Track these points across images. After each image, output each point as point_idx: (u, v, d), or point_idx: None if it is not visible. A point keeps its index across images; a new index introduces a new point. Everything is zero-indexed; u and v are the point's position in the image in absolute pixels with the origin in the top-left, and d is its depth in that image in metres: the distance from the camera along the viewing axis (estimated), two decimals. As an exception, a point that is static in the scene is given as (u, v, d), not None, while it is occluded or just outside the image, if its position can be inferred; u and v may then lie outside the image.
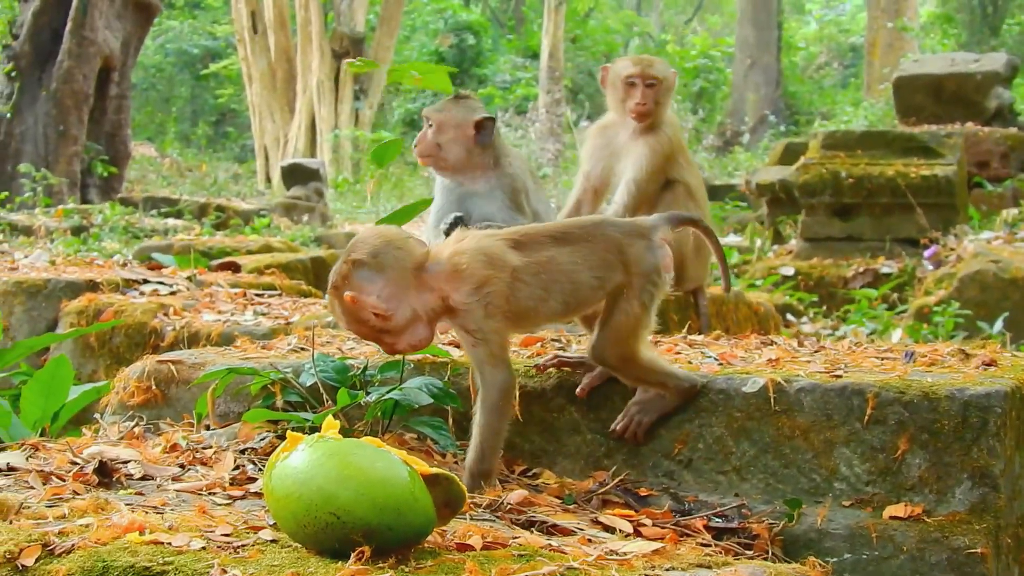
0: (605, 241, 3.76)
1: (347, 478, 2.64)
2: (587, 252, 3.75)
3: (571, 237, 3.77)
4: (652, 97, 6.89)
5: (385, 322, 3.59)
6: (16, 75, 21.50)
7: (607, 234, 3.78)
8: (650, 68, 6.99)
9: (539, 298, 3.70)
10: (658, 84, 6.89)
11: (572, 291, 3.73)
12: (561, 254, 3.73)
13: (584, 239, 3.76)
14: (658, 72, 6.95)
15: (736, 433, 3.77)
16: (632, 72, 6.95)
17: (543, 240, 3.75)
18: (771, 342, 4.95)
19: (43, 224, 16.45)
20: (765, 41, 38.99)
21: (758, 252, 13.47)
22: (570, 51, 39.87)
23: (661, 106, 6.95)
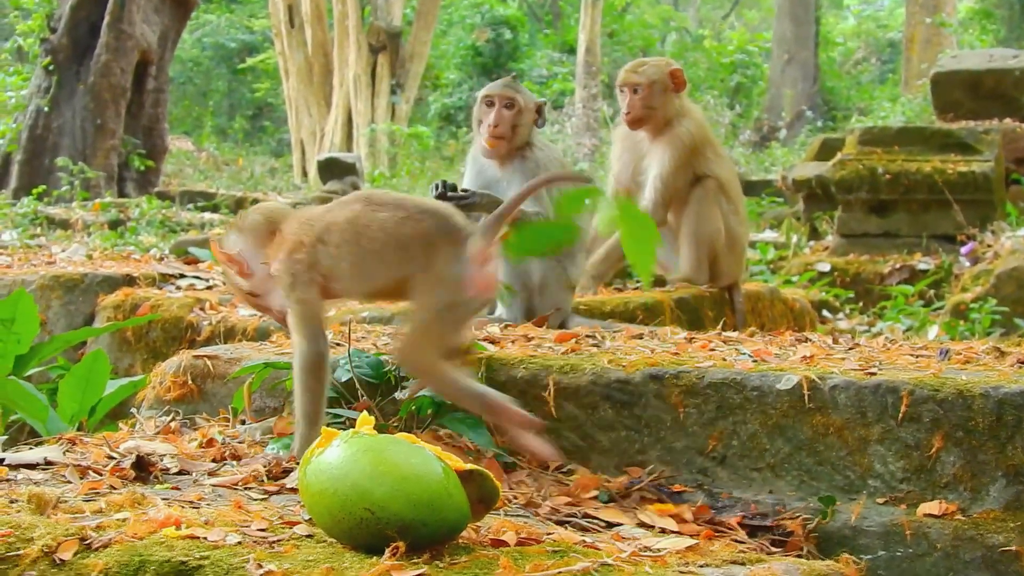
0: (417, 227, 3.55)
1: (382, 474, 2.65)
2: (395, 230, 3.57)
3: (391, 208, 3.61)
4: (639, 103, 6.96)
5: (249, 282, 3.76)
6: (54, 69, 21.57)
7: (424, 222, 3.56)
8: (631, 75, 7.06)
9: (340, 269, 3.65)
10: (644, 88, 6.95)
11: (365, 268, 3.63)
12: (374, 224, 3.59)
13: (403, 218, 3.58)
14: (638, 78, 7.01)
15: (770, 430, 3.76)
16: (619, 81, 7.13)
17: (376, 207, 3.63)
18: (806, 339, 4.95)
19: (80, 218, 16.52)
20: (803, 36, 38.81)
21: (794, 248, 13.42)
22: (607, 46, 39.78)
23: (658, 107, 6.98)
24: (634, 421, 3.92)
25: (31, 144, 21.32)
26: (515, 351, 4.31)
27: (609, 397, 3.95)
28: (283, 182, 30.81)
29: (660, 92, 6.96)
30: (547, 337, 4.72)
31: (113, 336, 6.43)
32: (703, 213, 6.93)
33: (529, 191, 3.69)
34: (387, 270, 3.60)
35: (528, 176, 5.54)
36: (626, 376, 3.95)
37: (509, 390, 3.96)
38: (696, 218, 6.93)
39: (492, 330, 4.92)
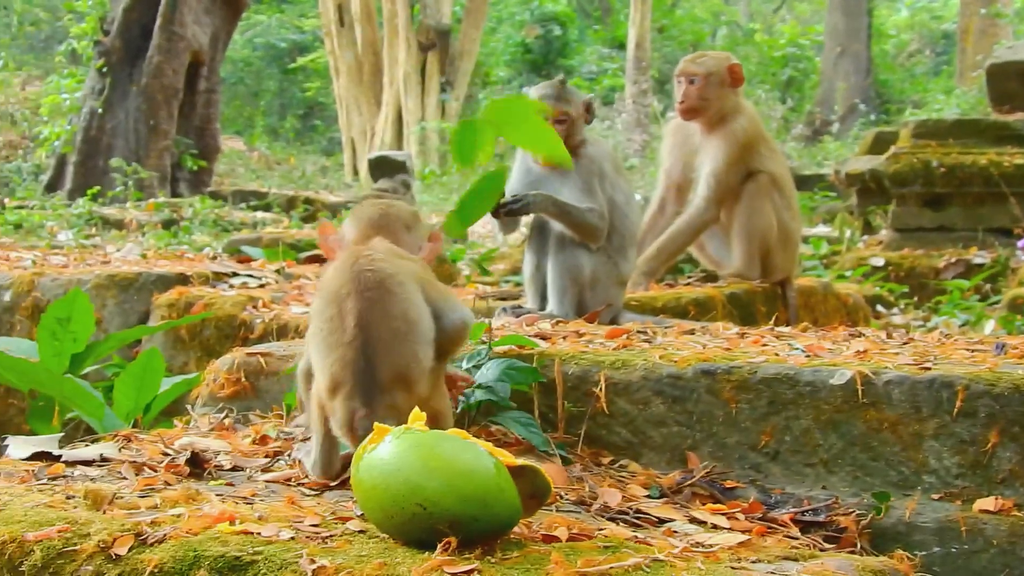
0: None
1: (434, 469, 2.66)
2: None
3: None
4: (694, 93, 6.88)
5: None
6: (107, 71, 21.71)
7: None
8: (690, 64, 7.03)
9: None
10: (700, 79, 6.88)
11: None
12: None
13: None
14: (697, 68, 6.96)
15: (824, 425, 3.75)
16: (676, 70, 7.09)
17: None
18: (859, 334, 4.94)
19: (134, 218, 16.62)
20: (855, 29, 38.60)
21: (847, 243, 13.36)
22: (657, 41, 39.71)
23: (711, 100, 6.91)
24: (686, 417, 3.91)
25: (85, 145, 21.48)
26: (566, 347, 4.31)
27: (661, 392, 3.94)
28: (334, 181, 30.93)
29: (716, 85, 6.90)
30: (598, 333, 4.72)
31: (167, 334, 6.47)
32: (755, 208, 6.90)
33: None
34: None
35: (580, 173, 5.55)
36: (678, 371, 3.95)
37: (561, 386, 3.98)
38: (748, 213, 6.91)
39: (543, 326, 4.92)
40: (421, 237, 3.79)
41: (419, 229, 3.80)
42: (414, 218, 3.82)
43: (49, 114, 24.16)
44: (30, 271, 7.44)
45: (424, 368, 3.34)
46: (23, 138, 28.07)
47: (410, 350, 3.31)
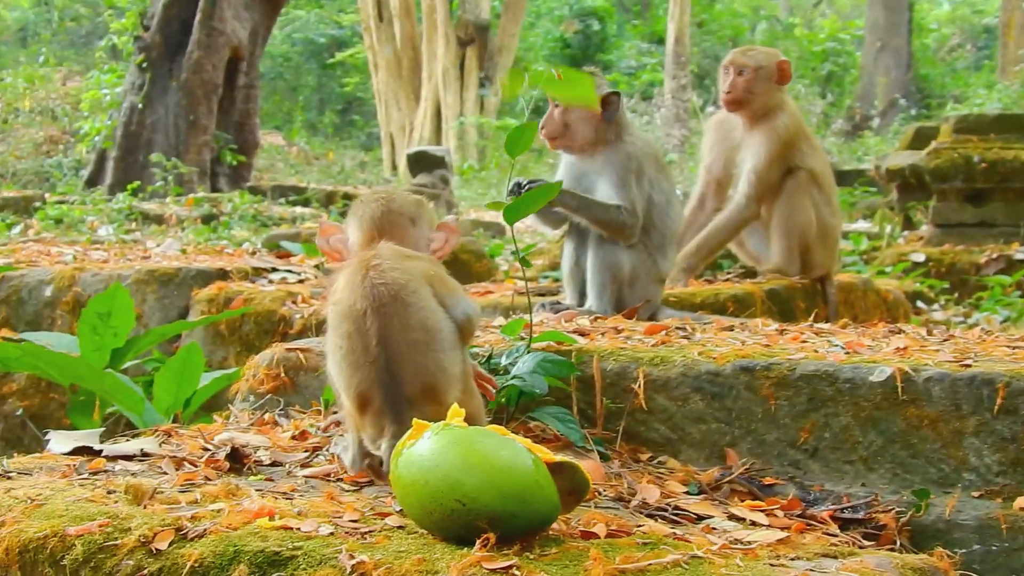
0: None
1: (473, 466, 2.66)
2: None
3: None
4: (742, 85, 6.87)
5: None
6: (147, 66, 21.79)
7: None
8: (740, 56, 7.01)
9: None
10: (750, 71, 6.86)
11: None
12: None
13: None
14: (748, 60, 6.93)
15: (863, 422, 3.74)
16: (724, 61, 7.05)
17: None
18: (899, 330, 4.91)
19: (174, 213, 16.68)
20: (895, 23, 38.42)
21: (888, 238, 13.30)
22: (696, 36, 39.63)
23: (757, 94, 6.89)
24: (725, 413, 3.91)
25: (125, 141, 21.56)
26: (605, 343, 4.32)
27: (699, 389, 3.94)
28: (373, 176, 30.98)
29: (764, 79, 6.88)
30: (637, 329, 4.72)
31: (207, 329, 6.50)
32: (794, 205, 6.88)
33: None
34: None
35: (616, 169, 5.53)
36: (716, 368, 3.95)
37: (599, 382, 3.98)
38: (788, 210, 6.89)
39: (582, 322, 4.92)
40: (428, 225, 3.71)
41: (424, 218, 3.71)
42: (418, 208, 3.73)
43: (89, 109, 24.28)
44: (71, 266, 7.49)
45: (451, 376, 3.32)
46: (64, 133, 28.22)
47: (433, 360, 3.29)
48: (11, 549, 2.74)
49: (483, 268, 8.99)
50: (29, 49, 41.61)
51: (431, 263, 3.54)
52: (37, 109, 29.25)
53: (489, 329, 4.81)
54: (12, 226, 15.33)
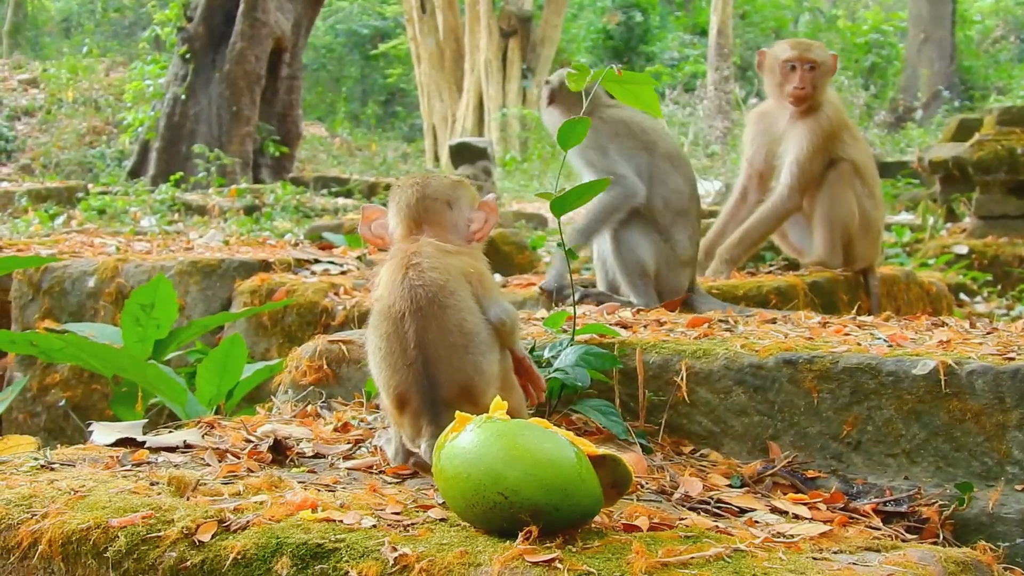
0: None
1: (515, 459, 2.66)
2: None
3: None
4: (811, 81, 6.94)
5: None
6: (190, 57, 21.89)
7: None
8: (808, 52, 7.03)
9: None
10: (817, 67, 6.96)
11: None
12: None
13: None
14: (817, 55, 7.00)
15: (906, 415, 3.72)
16: (791, 56, 7.03)
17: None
18: (942, 323, 4.89)
19: (217, 204, 16.75)
20: (939, 15, 38.24)
21: (930, 230, 13.25)
22: (739, 28, 39.53)
23: (819, 89, 6.98)
24: (767, 406, 3.90)
25: (168, 132, 21.68)
26: (647, 336, 4.31)
27: (742, 382, 3.93)
28: (415, 167, 31.02)
29: (825, 75, 7.03)
30: (679, 322, 4.71)
31: (249, 321, 6.52)
32: (837, 196, 6.88)
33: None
34: None
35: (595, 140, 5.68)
36: (759, 361, 3.94)
37: (642, 375, 3.98)
38: (830, 201, 6.88)
39: (624, 315, 4.92)
40: (468, 206, 3.71)
41: (463, 200, 3.71)
42: (455, 189, 3.72)
43: (133, 100, 24.43)
44: (114, 257, 7.52)
45: (488, 377, 3.32)
46: (107, 124, 28.37)
47: (471, 363, 3.29)
48: (54, 541, 2.75)
49: (525, 260, 8.98)
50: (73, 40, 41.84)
51: (472, 258, 3.53)
52: (80, 100, 29.42)
53: (532, 321, 4.81)
54: (55, 217, 15.41)
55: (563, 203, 3.88)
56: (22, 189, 19.36)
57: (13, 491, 2.96)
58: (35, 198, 18.39)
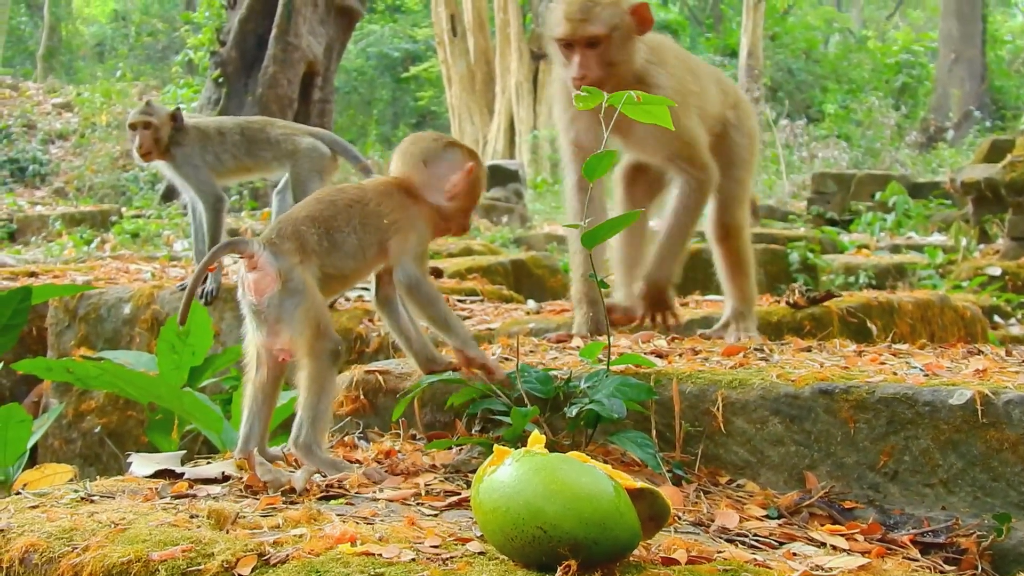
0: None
1: (554, 493, 2.66)
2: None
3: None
4: (596, 61, 5.15)
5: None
6: (223, 81, 22.00)
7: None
8: (585, 24, 5.11)
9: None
10: (603, 41, 5.12)
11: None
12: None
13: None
14: (598, 27, 5.12)
15: (943, 446, 3.71)
16: (563, 33, 5.16)
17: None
18: (978, 351, 4.88)
19: (250, 227, 16.79)
20: (969, 35, 38.19)
21: (963, 252, 13.22)
22: (769, 49, 39.55)
23: (622, 63, 5.18)
24: (804, 436, 3.89)
25: (201, 155, 21.74)
26: (683, 365, 4.31)
27: (778, 412, 3.92)
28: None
29: (622, 43, 5.19)
30: (714, 351, 4.71)
31: (285, 348, 6.53)
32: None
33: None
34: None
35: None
36: (795, 391, 3.93)
37: (678, 405, 3.98)
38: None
39: (659, 343, 4.92)
40: (448, 167, 4.10)
41: (441, 161, 4.09)
42: (434, 150, 4.12)
43: (166, 124, 24.49)
44: (149, 284, 7.55)
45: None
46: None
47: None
48: (95, 574, 2.76)
49: (557, 283, 8.98)
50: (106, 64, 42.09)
51: (409, 215, 4.03)
52: (114, 124, 29.53)
53: (567, 351, 4.82)
54: (89, 241, 15.49)
55: (595, 236, 3.89)
56: (56, 213, 19.49)
57: (54, 524, 2.98)
58: (69, 222, 18.50)
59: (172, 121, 6.84)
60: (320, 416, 3.72)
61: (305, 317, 3.69)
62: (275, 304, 3.70)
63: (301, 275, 3.72)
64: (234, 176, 7.14)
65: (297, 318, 3.69)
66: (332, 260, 3.85)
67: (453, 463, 3.84)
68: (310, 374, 3.69)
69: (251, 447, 3.83)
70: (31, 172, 27.71)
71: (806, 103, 39.88)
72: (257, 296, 3.73)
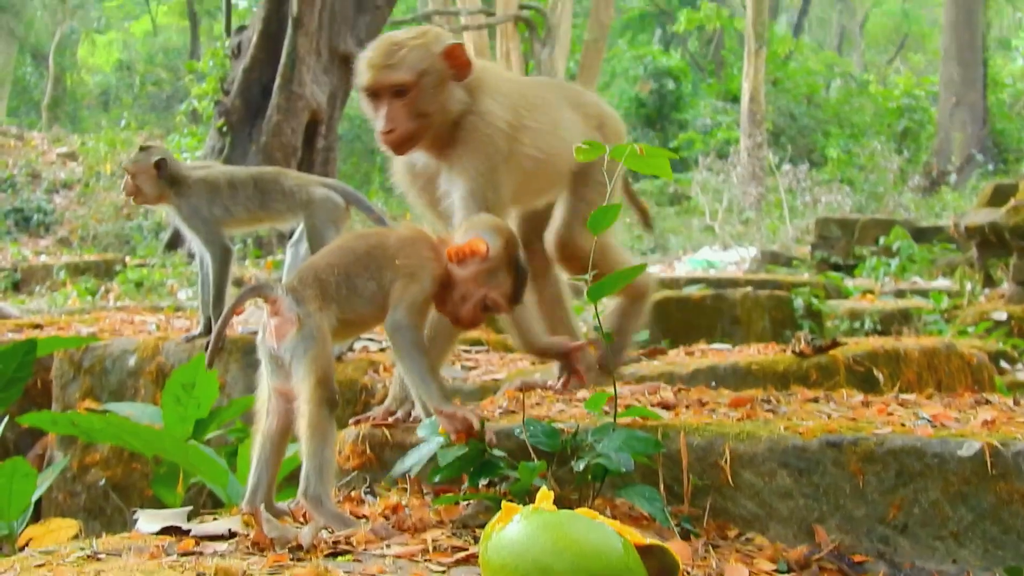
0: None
1: (562, 550, 2.65)
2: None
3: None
4: (405, 111, 4.60)
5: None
6: (227, 130, 22.06)
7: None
8: (389, 71, 4.56)
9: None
10: (412, 88, 4.57)
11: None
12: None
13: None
14: (405, 72, 4.56)
15: (952, 498, 3.70)
16: (366, 82, 4.63)
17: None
18: (986, 401, 4.86)
19: (253, 276, 16.81)
20: (971, 78, 38.31)
21: (968, 296, 13.21)
22: (771, 94, 39.65)
23: (433, 113, 4.62)
24: (812, 489, 3.87)
25: (205, 204, 21.78)
26: (690, 417, 4.30)
27: (786, 464, 3.91)
28: (450, 236, 31.07)
29: (432, 90, 4.61)
30: (721, 402, 4.70)
31: (290, 400, 6.52)
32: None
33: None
34: None
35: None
36: (803, 443, 3.92)
37: (685, 458, 3.96)
38: None
39: (666, 395, 4.91)
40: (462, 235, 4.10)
41: (471, 232, 4.07)
42: (475, 222, 4.17)
43: (170, 173, 24.54)
44: (154, 336, 7.55)
45: None
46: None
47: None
48: (103, 634, 2.75)
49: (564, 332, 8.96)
50: (111, 113, 42.28)
51: (420, 267, 4.02)
52: (118, 173, 29.60)
53: (573, 403, 4.80)
54: (94, 291, 15.50)
55: (600, 290, 3.89)
56: (60, 262, 19.52)
57: (60, 583, 2.97)
58: (73, 271, 18.53)
59: (156, 170, 6.82)
60: (325, 466, 3.72)
61: (313, 363, 3.70)
62: (290, 348, 3.72)
63: (318, 322, 3.75)
64: (245, 226, 7.14)
65: (306, 362, 3.70)
66: (351, 305, 3.89)
67: (460, 518, 3.82)
68: (310, 422, 3.70)
69: (258, 501, 3.82)
70: (35, 222, 27.80)
71: (808, 148, 39.96)
72: (277, 341, 3.75)
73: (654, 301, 10.48)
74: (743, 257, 23.08)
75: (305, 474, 3.71)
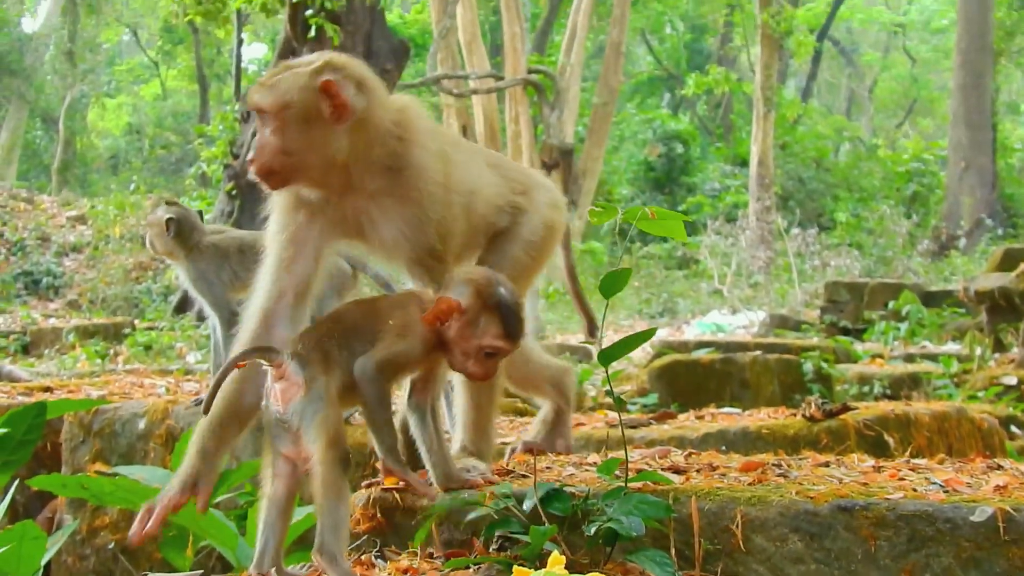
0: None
1: (574, 615, 2.65)
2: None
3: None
4: (272, 144, 4.07)
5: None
6: (236, 194, 22.13)
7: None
8: (258, 91, 4.09)
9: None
10: (273, 118, 4.06)
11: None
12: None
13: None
14: (267, 97, 4.05)
15: (965, 563, 3.68)
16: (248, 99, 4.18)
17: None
18: (997, 466, 4.86)
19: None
20: (979, 143, 38.36)
21: (978, 361, 13.20)
22: (780, 158, 39.76)
23: (298, 154, 4.10)
24: (824, 554, 3.86)
25: (215, 267, 21.82)
26: (701, 481, 4.29)
27: (798, 529, 3.90)
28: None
29: (302, 127, 4.06)
30: (731, 466, 4.69)
31: (299, 462, 6.51)
32: None
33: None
34: None
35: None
36: (814, 508, 3.91)
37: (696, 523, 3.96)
38: None
39: (676, 459, 4.90)
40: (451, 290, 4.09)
41: (450, 290, 4.08)
42: (451, 278, 4.16)
43: (179, 236, 24.63)
44: (164, 399, 7.55)
45: None
46: (153, 260, 28.64)
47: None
48: None
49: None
50: (120, 176, 42.48)
51: (404, 323, 4.08)
52: (127, 236, 29.73)
53: (584, 467, 4.80)
54: (103, 355, 15.53)
55: (611, 354, 3.91)
56: (70, 325, 19.56)
57: (70, 649, 2.96)
58: (82, 334, 18.55)
59: (165, 228, 6.86)
60: (340, 523, 3.73)
61: (322, 425, 3.72)
62: (299, 411, 3.72)
63: (324, 385, 3.76)
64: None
65: (315, 424, 3.71)
66: (352, 370, 3.89)
67: (471, 583, 3.82)
68: (324, 482, 3.71)
69: (267, 565, 3.83)
70: (45, 285, 27.89)
71: (817, 211, 40.05)
72: (283, 405, 3.76)
73: (663, 365, 10.51)
74: (752, 321, 23.09)
75: (320, 531, 3.72)
